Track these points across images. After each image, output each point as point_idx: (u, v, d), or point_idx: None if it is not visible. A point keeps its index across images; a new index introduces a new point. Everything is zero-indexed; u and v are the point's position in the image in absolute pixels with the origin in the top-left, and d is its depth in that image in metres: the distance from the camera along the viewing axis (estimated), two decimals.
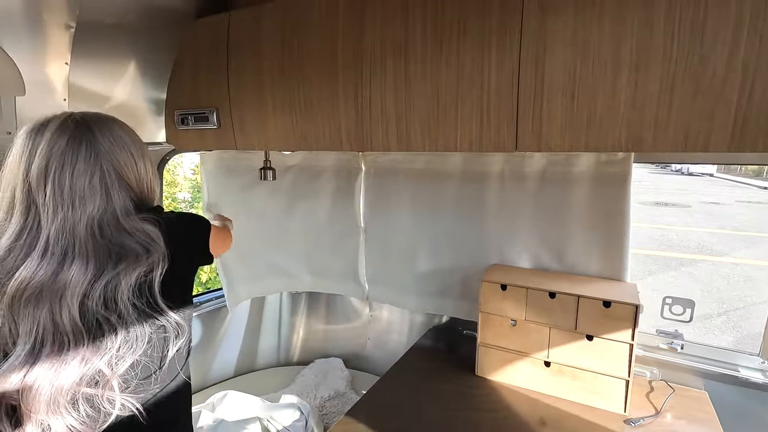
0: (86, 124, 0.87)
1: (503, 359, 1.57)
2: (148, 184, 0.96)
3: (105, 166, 0.85)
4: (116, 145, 0.89)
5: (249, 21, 1.43)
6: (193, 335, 2.07)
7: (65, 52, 1.36)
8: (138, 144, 0.95)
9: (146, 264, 0.81)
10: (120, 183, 0.87)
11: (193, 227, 1.03)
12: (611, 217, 1.53)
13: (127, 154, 0.90)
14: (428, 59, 1.14)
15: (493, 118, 1.09)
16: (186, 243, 0.97)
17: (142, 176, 0.93)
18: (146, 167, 0.95)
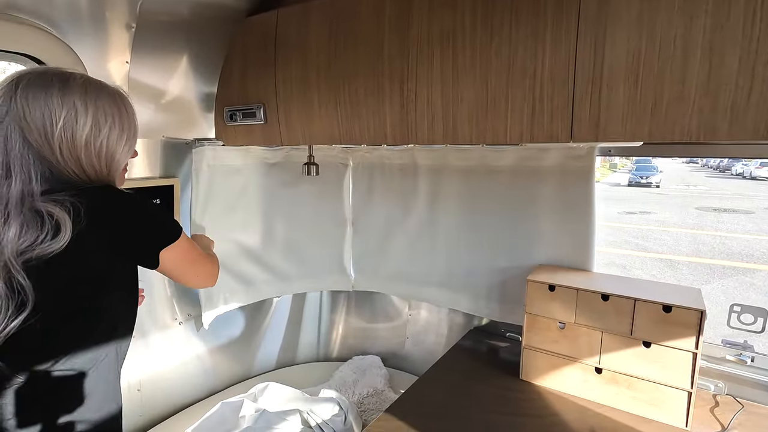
0: (16, 80, 0.81)
1: (550, 364, 1.50)
2: (88, 153, 0.85)
3: (9, 126, 0.79)
4: (31, 103, 0.80)
5: (297, 17, 1.46)
6: (236, 328, 2.13)
7: (126, 51, 1.43)
8: (80, 106, 0.84)
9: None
10: (27, 146, 0.80)
11: (131, 227, 0.87)
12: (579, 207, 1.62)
13: (46, 114, 0.81)
14: (477, 48, 1.11)
15: (546, 107, 1.04)
16: (115, 240, 0.84)
17: (65, 142, 0.82)
18: (86, 135, 0.84)
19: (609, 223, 11.08)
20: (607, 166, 29.11)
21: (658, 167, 19.50)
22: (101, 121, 0.86)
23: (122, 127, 0.90)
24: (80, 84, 0.85)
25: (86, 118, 0.84)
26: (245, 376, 2.16)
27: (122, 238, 0.86)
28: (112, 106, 0.88)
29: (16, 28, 1.19)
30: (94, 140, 0.85)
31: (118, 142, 0.89)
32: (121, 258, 0.87)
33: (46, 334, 0.80)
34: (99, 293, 0.85)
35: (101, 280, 0.85)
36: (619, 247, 8.90)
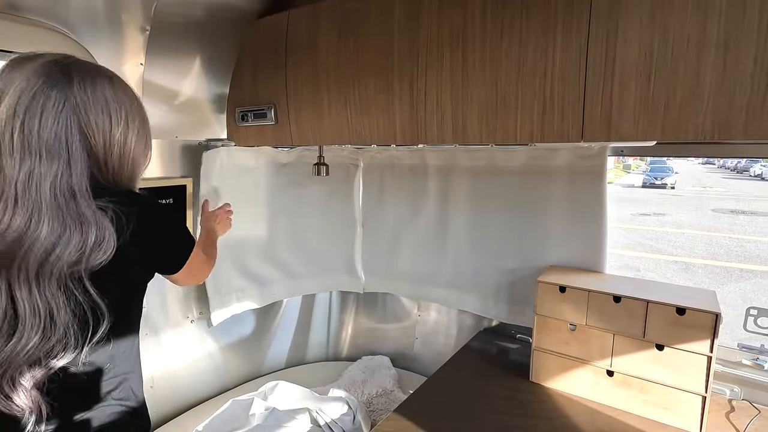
0: (68, 69, 0.75)
1: (560, 366, 1.49)
2: (126, 159, 0.83)
3: (70, 119, 0.73)
4: (92, 100, 0.76)
5: (307, 18, 1.47)
6: (247, 327, 2.15)
7: (141, 53, 1.46)
8: (127, 108, 0.81)
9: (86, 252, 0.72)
10: (83, 145, 0.75)
11: (167, 240, 0.89)
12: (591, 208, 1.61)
13: (103, 114, 0.77)
14: (487, 47, 1.11)
15: (557, 106, 1.03)
16: (145, 253, 0.83)
17: (117, 145, 0.80)
18: (129, 138, 0.82)
19: (622, 225, 10.92)
20: (620, 167, 28.71)
21: (673, 168, 19.15)
22: (137, 125, 0.84)
23: (146, 133, 0.88)
24: (121, 81, 0.83)
25: (134, 122, 0.83)
26: (255, 374, 2.18)
27: (162, 251, 0.88)
28: (141, 111, 0.87)
29: (34, 31, 1.22)
30: (135, 146, 0.84)
31: (146, 148, 0.88)
32: (156, 268, 0.90)
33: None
34: (135, 301, 0.88)
35: (139, 290, 0.87)
36: (632, 249, 8.76)
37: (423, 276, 2.07)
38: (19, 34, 1.21)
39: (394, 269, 2.18)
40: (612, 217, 1.61)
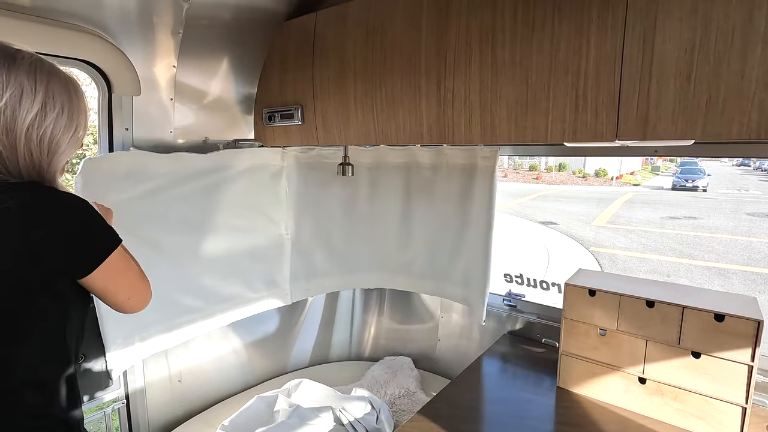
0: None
1: (589, 371, 1.45)
2: (17, 136, 0.74)
3: None
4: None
5: (335, 19, 1.48)
6: (271, 324, 2.18)
7: (173, 56, 1.50)
8: (14, 82, 0.74)
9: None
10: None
11: (67, 233, 0.76)
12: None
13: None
14: (518, 45, 1.09)
15: (591, 105, 1.00)
16: (42, 247, 0.73)
17: (7, 124, 0.73)
18: (19, 113, 0.74)
19: (650, 229, 10.58)
20: (648, 169, 27.82)
21: (705, 170, 18.44)
22: (49, 106, 0.77)
23: (71, 116, 0.81)
24: (29, 63, 0.76)
25: (32, 100, 0.75)
26: (279, 371, 2.20)
27: (60, 244, 0.75)
28: (62, 91, 0.79)
29: (77, 36, 1.27)
30: (39, 126, 0.76)
31: (65, 131, 0.80)
32: (53, 265, 0.76)
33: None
34: (26, 303, 0.76)
35: (26, 291, 0.75)
36: (661, 254, 8.48)
37: (343, 265, 2.19)
38: (60, 38, 1.27)
39: (324, 267, 2.19)
40: (640, 219, 1.58)
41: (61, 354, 0.82)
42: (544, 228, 11.00)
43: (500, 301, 2.02)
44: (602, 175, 22.68)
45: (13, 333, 0.75)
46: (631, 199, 15.44)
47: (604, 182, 21.27)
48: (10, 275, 0.72)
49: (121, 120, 1.47)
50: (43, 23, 1.22)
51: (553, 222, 11.61)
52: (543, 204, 14.70)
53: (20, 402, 0.77)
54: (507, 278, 2.16)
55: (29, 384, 0.78)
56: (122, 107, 1.46)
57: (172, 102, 1.58)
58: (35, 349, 0.78)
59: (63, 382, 0.83)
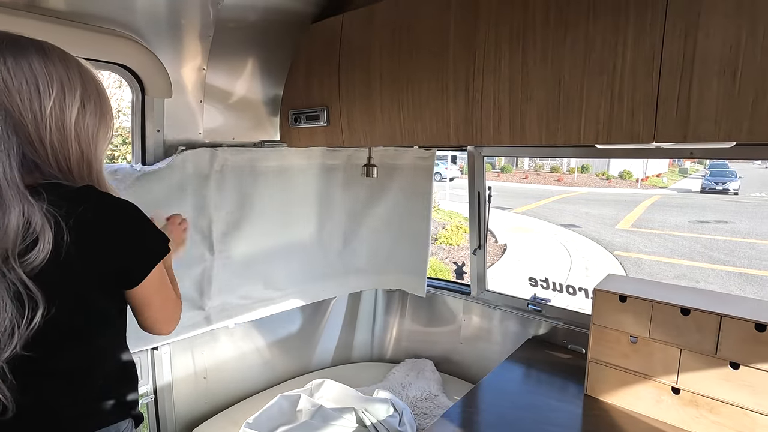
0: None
1: (619, 380, 1.41)
2: (68, 135, 0.72)
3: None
4: (13, 73, 0.67)
5: (361, 21, 1.48)
6: (294, 324, 2.19)
7: (204, 59, 1.53)
8: (63, 79, 0.71)
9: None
10: (8, 123, 0.66)
11: (120, 243, 0.74)
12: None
13: (28, 86, 0.67)
14: (550, 44, 1.07)
15: (627, 105, 0.97)
16: (91, 261, 0.71)
17: (52, 119, 0.69)
18: (68, 111, 0.71)
19: (677, 233, 10.25)
20: (675, 171, 26.98)
21: (737, 172, 17.74)
22: (86, 98, 0.74)
23: (104, 108, 0.78)
24: (59, 54, 0.73)
25: (73, 93, 0.72)
26: (302, 371, 2.22)
27: (114, 255, 0.74)
28: (92, 82, 0.76)
29: (113, 40, 1.31)
30: (83, 119, 0.74)
31: (100, 124, 0.78)
32: (110, 278, 0.76)
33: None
34: (91, 310, 0.77)
35: (92, 301, 0.76)
36: (689, 259, 8.20)
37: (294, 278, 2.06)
38: (97, 43, 1.30)
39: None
40: (666, 223, 1.54)
41: (122, 347, 0.86)
42: (565, 231, 10.79)
43: (525, 304, 1.98)
44: (627, 178, 22.11)
45: (82, 334, 0.76)
46: (657, 202, 15.00)
47: (628, 184, 20.72)
48: (73, 284, 0.71)
49: (153, 122, 1.50)
50: (80, 28, 1.26)
51: (575, 225, 11.37)
52: (564, 206, 14.42)
53: (96, 391, 0.80)
54: (532, 282, 2.13)
55: (101, 377, 0.80)
56: (154, 109, 1.49)
57: (202, 104, 1.61)
58: (102, 345, 0.80)
59: (126, 370, 0.87)
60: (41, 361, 0.71)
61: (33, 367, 0.71)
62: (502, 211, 13.06)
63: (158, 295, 0.83)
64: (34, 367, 0.71)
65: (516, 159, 25.46)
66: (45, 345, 0.70)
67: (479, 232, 2.10)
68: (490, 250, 2.24)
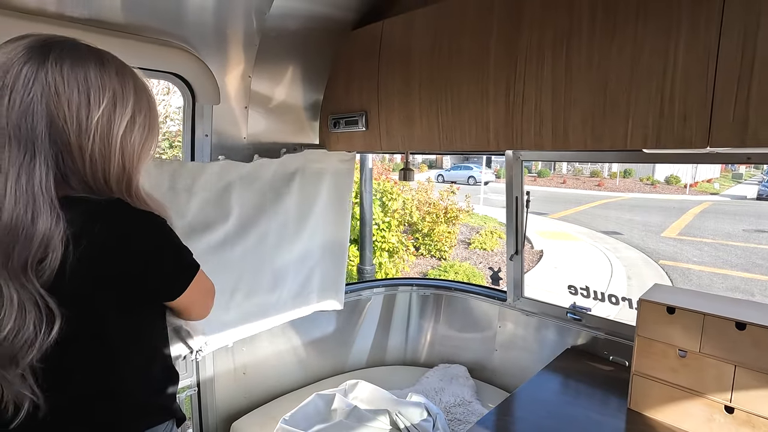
0: (48, 47, 0.66)
1: (666, 395, 1.34)
2: (113, 148, 0.71)
3: (37, 100, 0.64)
4: (66, 79, 0.66)
5: (401, 27, 1.50)
6: (330, 324, 2.23)
7: (249, 67, 1.60)
8: (117, 90, 0.70)
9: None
10: (50, 130, 0.65)
11: (148, 265, 0.72)
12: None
13: (79, 94, 0.66)
14: (596, 48, 1.04)
15: (678, 110, 0.94)
16: (108, 280, 0.70)
17: (97, 130, 0.68)
18: (115, 122, 0.70)
19: (730, 242, 9.62)
20: (728, 177, 25.33)
21: None
22: (137, 111, 0.74)
23: (152, 120, 0.78)
24: (117, 65, 0.73)
25: (125, 106, 0.72)
26: (337, 371, 2.26)
27: (143, 277, 0.73)
28: (144, 95, 0.76)
29: (167, 51, 1.40)
30: (130, 132, 0.73)
31: (148, 137, 0.78)
32: (140, 295, 0.76)
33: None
34: (114, 325, 0.75)
35: (111, 315, 0.74)
36: (744, 270, 7.67)
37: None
38: (152, 53, 1.39)
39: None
40: (718, 232, 1.45)
41: (156, 353, 0.85)
42: (607, 238, 10.37)
43: (563, 313, 1.93)
44: (674, 183, 20.99)
45: (108, 348, 0.75)
46: (708, 209, 14.15)
47: (675, 190, 19.66)
48: (94, 300, 0.71)
49: (202, 127, 1.58)
50: (138, 40, 1.35)
51: (616, 232, 10.92)
52: (605, 212, 13.86)
53: (127, 399, 0.80)
54: (571, 290, 2.07)
55: (134, 388, 0.80)
56: (203, 115, 1.57)
57: (246, 110, 1.68)
58: (134, 357, 0.80)
59: (164, 374, 0.87)
60: (70, 372, 0.73)
61: (63, 377, 0.72)
62: (538, 217, 12.72)
63: (196, 300, 0.85)
64: (64, 378, 0.73)
65: (554, 163, 24.77)
66: (71, 357, 0.72)
67: (516, 238, 2.06)
68: (525, 257, 2.15)
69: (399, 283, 2.46)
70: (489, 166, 22.09)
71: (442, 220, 8.08)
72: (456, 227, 8.42)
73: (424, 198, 8.21)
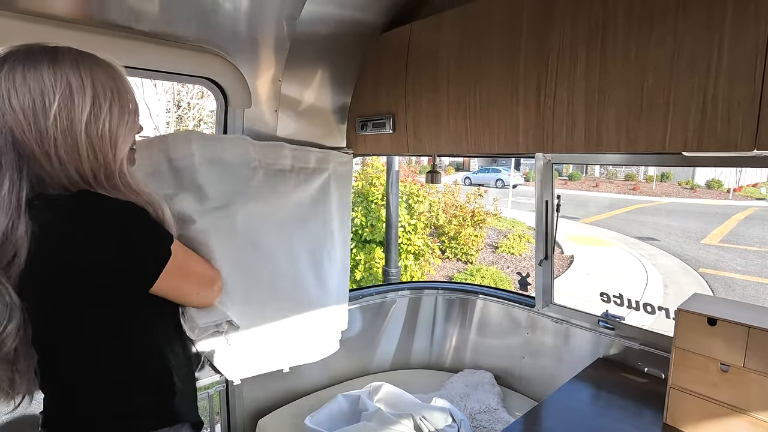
0: (4, 58, 0.68)
1: (706, 411, 1.27)
2: (79, 140, 0.70)
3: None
4: (18, 87, 0.66)
5: (430, 29, 1.50)
6: (355, 325, 2.24)
7: (279, 71, 1.63)
8: (73, 83, 0.69)
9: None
10: (14, 146, 0.67)
11: (116, 253, 0.72)
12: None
13: (31, 98, 0.66)
14: (632, 45, 1.00)
15: (722, 109, 0.89)
16: (83, 255, 0.70)
17: (57, 128, 0.68)
18: (78, 115, 0.70)
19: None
20: None
21: None
22: (100, 98, 0.72)
23: (123, 102, 0.77)
24: (71, 56, 0.72)
25: (83, 96, 0.70)
26: (361, 372, 2.26)
27: (111, 263, 0.73)
28: (108, 78, 0.75)
29: (201, 56, 1.44)
30: (95, 121, 0.72)
31: (120, 119, 0.76)
32: (113, 280, 0.75)
33: None
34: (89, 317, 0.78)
35: (82, 305, 0.76)
36: None
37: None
38: (187, 59, 1.43)
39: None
40: (766, 240, 1.36)
41: (151, 352, 0.83)
42: (642, 244, 9.97)
43: (595, 321, 1.86)
44: (715, 187, 19.95)
45: (90, 347, 0.76)
46: (753, 215, 13.37)
47: (717, 195, 18.69)
48: (65, 292, 0.72)
49: (234, 130, 1.62)
50: (173, 46, 1.39)
51: (652, 238, 10.48)
52: (640, 217, 13.34)
53: (116, 397, 0.80)
54: (604, 297, 2.00)
55: (117, 384, 0.80)
56: (235, 119, 1.61)
57: (276, 113, 1.71)
58: (118, 352, 0.79)
59: (152, 376, 0.84)
60: (55, 363, 0.76)
61: (49, 367, 0.76)
62: (569, 221, 12.37)
63: (182, 282, 0.83)
64: (51, 368, 0.76)
65: (586, 166, 24.06)
66: (52, 348, 0.75)
67: (546, 243, 2.01)
68: (554, 262, 2.08)
69: (424, 286, 2.44)
70: (518, 169, 21.69)
71: (469, 223, 7.98)
72: (483, 231, 8.30)
73: (450, 201, 8.14)
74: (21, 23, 1.10)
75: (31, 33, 1.10)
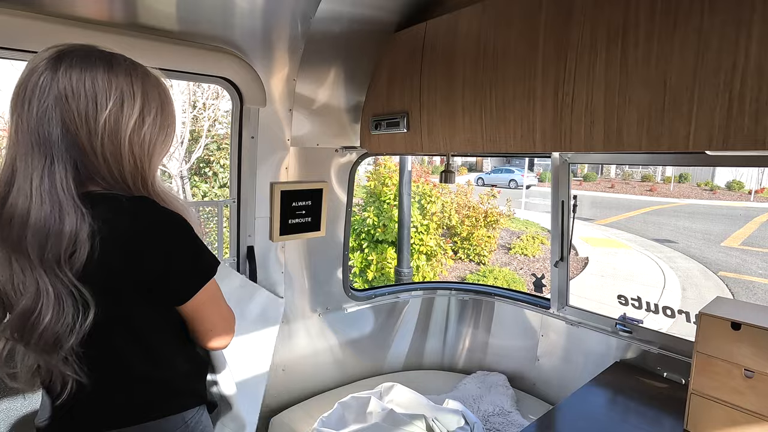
0: (60, 57, 0.72)
1: (728, 418, 1.24)
2: (122, 145, 0.75)
3: (51, 110, 0.70)
4: (75, 87, 0.71)
5: (445, 27, 1.48)
6: (368, 325, 2.24)
7: (294, 70, 1.63)
8: (124, 91, 0.74)
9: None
10: (65, 138, 0.71)
11: (164, 261, 0.77)
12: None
13: (87, 99, 0.71)
14: (654, 43, 0.98)
15: (749, 107, 0.86)
16: (131, 273, 0.75)
17: (105, 131, 0.73)
18: (123, 122, 0.74)
19: None
20: None
21: None
22: (146, 109, 0.78)
23: (165, 117, 0.81)
24: (126, 66, 0.76)
25: (132, 105, 0.75)
26: (373, 373, 2.26)
27: (157, 273, 0.77)
28: (156, 93, 0.80)
29: (217, 56, 1.45)
30: (139, 130, 0.77)
31: (160, 133, 0.81)
32: (154, 293, 0.79)
33: None
34: (141, 315, 0.82)
35: (137, 307, 0.80)
36: None
37: None
38: (203, 59, 1.44)
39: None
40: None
41: (184, 344, 0.89)
42: (659, 246, 9.76)
43: (612, 324, 1.83)
44: (736, 189, 19.43)
45: (129, 336, 0.80)
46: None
47: (738, 197, 18.19)
48: (120, 290, 0.76)
49: (248, 129, 1.63)
50: (190, 46, 1.41)
51: (670, 240, 10.25)
52: (658, 219, 13.06)
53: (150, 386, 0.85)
54: (621, 300, 1.96)
55: (153, 374, 0.85)
56: (250, 118, 1.62)
57: (290, 112, 1.71)
58: (163, 346, 0.85)
59: (194, 362, 0.92)
60: (107, 356, 0.80)
61: (102, 360, 0.79)
62: (584, 222, 12.19)
63: (209, 311, 0.86)
64: (104, 361, 0.79)
65: (601, 166, 23.67)
66: (107, 342, 0.78)
67: (562, 244, 1.98)
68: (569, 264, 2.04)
69: (437, 287, 2.43)
70: (531, 169, 21.43)
71: (482, 224, 7.91)
72: (496, 231, 8.22)
73: (463, 201, 8.08)
74: (45, 24, 1.12)
75: (56, 34, 1.13)
